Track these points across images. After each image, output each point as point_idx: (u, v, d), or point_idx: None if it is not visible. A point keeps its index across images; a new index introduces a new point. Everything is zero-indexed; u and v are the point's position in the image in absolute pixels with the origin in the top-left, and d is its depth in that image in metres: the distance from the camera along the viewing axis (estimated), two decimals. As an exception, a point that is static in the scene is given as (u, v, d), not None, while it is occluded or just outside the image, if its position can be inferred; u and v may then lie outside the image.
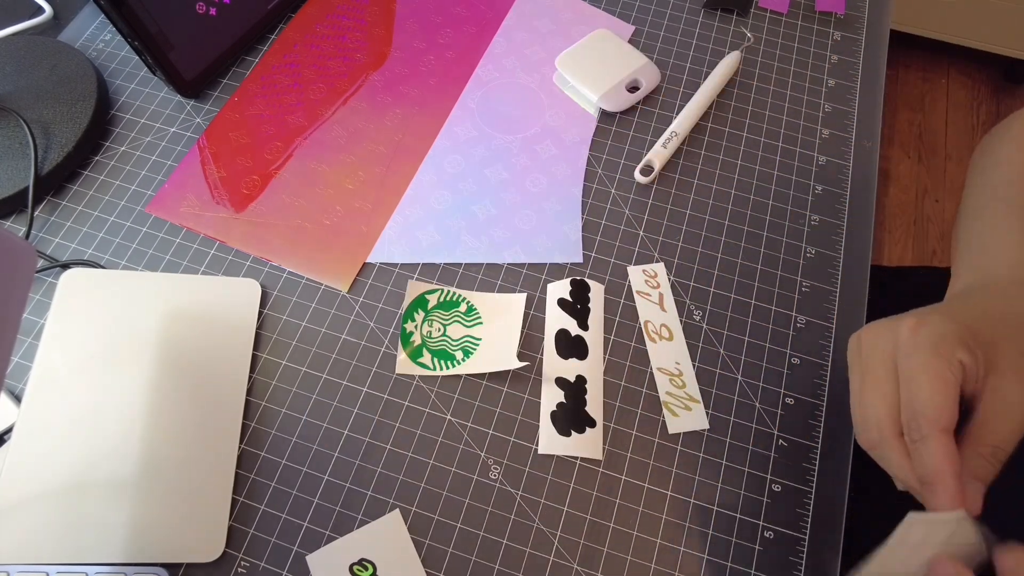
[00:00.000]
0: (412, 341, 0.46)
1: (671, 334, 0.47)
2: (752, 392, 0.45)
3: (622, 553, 0.41)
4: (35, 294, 0.47)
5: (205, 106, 0.55)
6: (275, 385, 0.45)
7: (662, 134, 0.53)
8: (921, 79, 1.62)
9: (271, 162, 0.52)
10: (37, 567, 0.38)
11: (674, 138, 0.52)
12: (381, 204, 0.51)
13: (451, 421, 0.44)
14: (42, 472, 0.40)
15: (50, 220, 0.50)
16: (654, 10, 0.61)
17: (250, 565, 0.40)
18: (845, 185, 0.53)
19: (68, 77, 0.53)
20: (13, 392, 0.44)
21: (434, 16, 0.60)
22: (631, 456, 0.43)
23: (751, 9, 0.61)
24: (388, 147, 0.53)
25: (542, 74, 0.57)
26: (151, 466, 0.41)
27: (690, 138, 0.54)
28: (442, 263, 0.49)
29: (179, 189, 0.51)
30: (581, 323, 0.46)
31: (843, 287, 0.49)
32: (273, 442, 0.43)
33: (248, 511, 0.41)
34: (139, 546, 0.39)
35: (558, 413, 0.44)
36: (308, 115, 0.54)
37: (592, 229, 0.50)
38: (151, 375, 0.43)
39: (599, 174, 0.53)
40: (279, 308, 0.47)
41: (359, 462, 0.43)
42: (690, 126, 0.53)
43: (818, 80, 0.57)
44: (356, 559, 0.40)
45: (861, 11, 0.61)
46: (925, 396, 0.31)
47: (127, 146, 0.53)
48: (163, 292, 0.46)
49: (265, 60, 0.57)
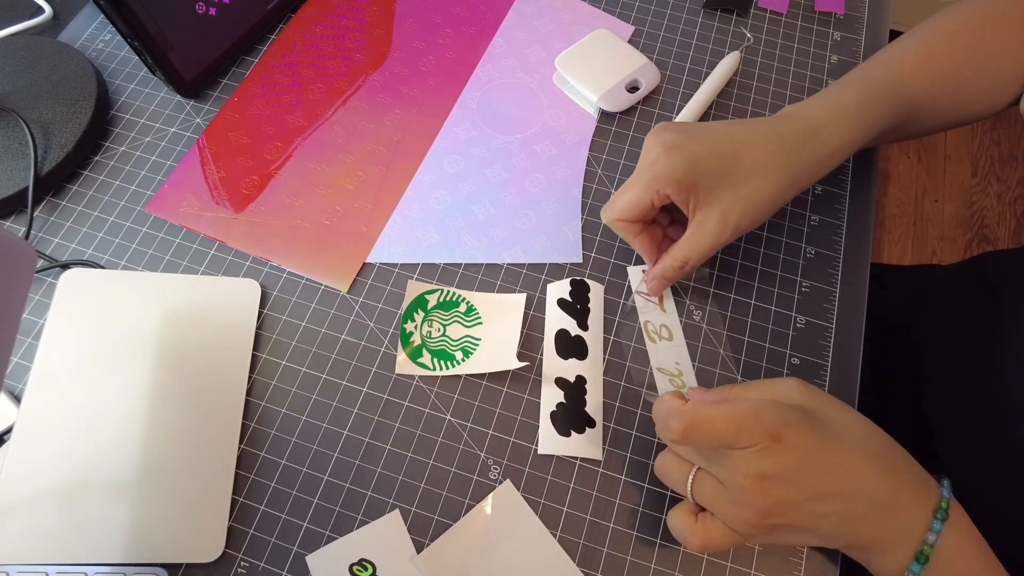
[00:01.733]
0: (412, 341, 0.46)
1: (671, 334, 0.47)
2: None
3: (622, 553, 0.41)
4: (35, 294, 0.47)
5: (205, 106, 0.55)
6: (275, 385, 0.45)
7: (662, 134, 0.53)
8: (921, 79, 1.61)
9: (271, 162, 0.52)
10: (37, 567, 0.38)
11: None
12: (381, 204, 0.51)
13: (451, 421, 0.44)
14: (42, 472, 0.40)
15: (50, 220, 0.50)
16: (654, 10, 0.61)
17: (250, 565, 0.40)
18: (845, 185, 0.53)
19: (68, 77, 0.53)
20: (13, 392, 0.44)
21: (434, 16, 0.60)
22: (631, 456, 0.43)
23: (751, 9, 0.61)
24: (388, 147, 0.53)
25: (542, 74, 0.57)
26: (151, 466, 0.41)
27: (690, 138, 0.54)
28: (442, 263, 0.49)
29: (179, 189, 0.51)
30: (581, 323, 0.46)
31: (843, 287, 0.49)
32: (273, 442, 0.43)
33: (248, 511, 0.41)
34: (139, 546, 0.39)
35: (558, 413, 0.44)
36: (308, 115, 0.54)
37: (592, 229, 0.50)
38: (151, 375, 0.43)
39: (599, 174, 0.53)
40: (279, 308, 0.47)
41: (359, 462, 0.43)
42: None
43: (818, 80, 0.57)
44: (356, 559, 0.40)
45: (861, 11, 0.61)
46: (622, 201, 0.43)
47: (127, 146, 0.53)
48: (163, 292, 0.46)
49: (265, 60, 0.57)
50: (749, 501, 0.34)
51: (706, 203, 0.41)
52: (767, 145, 0.42)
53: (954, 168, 1.51)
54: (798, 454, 0.34)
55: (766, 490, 0.34)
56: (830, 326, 0.47)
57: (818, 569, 0.40)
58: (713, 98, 0.55)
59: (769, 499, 0.34)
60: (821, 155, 0.43)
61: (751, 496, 0.34)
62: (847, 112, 0.44)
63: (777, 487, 0.34)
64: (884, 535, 0.35)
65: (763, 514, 0.34)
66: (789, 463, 0.34)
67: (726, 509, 0.35)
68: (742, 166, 0.42)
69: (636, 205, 0.43)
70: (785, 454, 0.34)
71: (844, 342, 0.47)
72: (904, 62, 0.47)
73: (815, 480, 0.34)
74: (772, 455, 0.34)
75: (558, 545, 0.40)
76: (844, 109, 0.44)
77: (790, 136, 0.43)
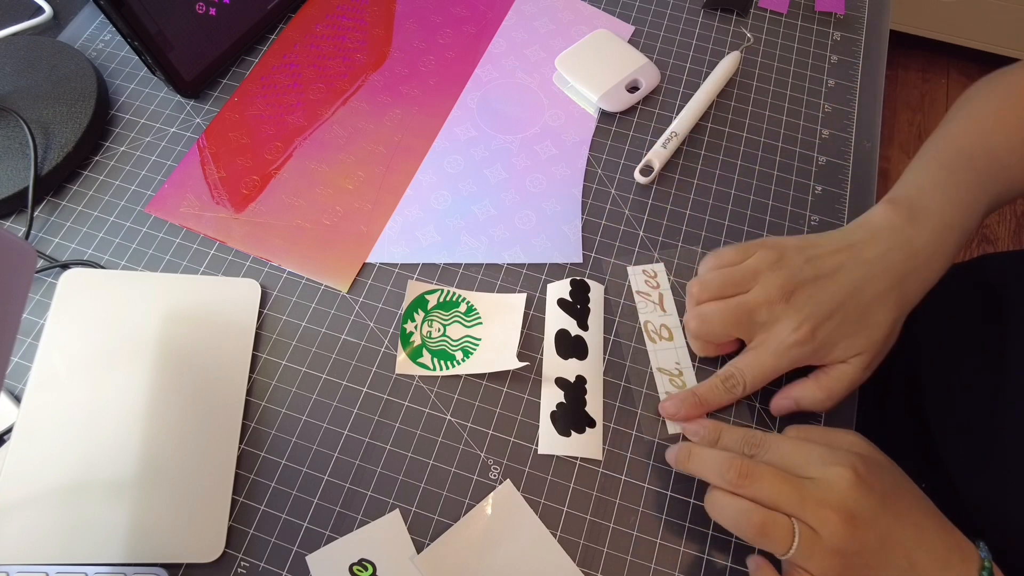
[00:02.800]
0: (412, 341, 0.46)
1: (671, 334, 0.47)
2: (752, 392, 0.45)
3: (622, 553, 0.41)
4: (35, 294, 0.47)
5: (205, 106, 0.55)
6: (275, 385, 0.45)
7: (662, 134, 0.53)
8: (921, 79, 1.62)
9: (271, 162, 0.52)
10: (37, 567, 0.38)
11: (674, 138, 0.52)
12: (381, 204, 0.51)
13: (451, 421, 0.44)
14: (42, 472, 0.40)
15: (50, 220, 0.50)
16: (654, 10, 0.61)
17: (250, 565, 0.40)
18: (845, 185, 0.53)
19: (68, 77, 0.53)
20: (13, 392, 0.44)
21: (434, 16, 0.60)
22: (631, 456, 0.43)
23: (751, 9, 0.61)
24: (388, 147, 0.53)
25: (542, 74, 0.57)
26: (151, 466, 0.41)
27: (690, 138, 0.54)
28: (442, 263, 0.49)
29: (179, 189, 0.51)
30: (581, 323, 0.46)
31: (843, 287, 0.49)
32: (273, 442, 0.43)
33: (248, 511, 0.41)
34: (139, 546, 0.39)
35: (558, 413, 0.44)
36: (308, 115, 0.54)
37: (592, 229, 0.50)
38: (151, 375, 0.43)
39: (599, 174, 0.53)
40: (279, 308, 0.47)
41: (359, 462, 0.43)
42: (690, 126, 0.53)
43: (818, 80, 0.57)
44: (356, 559, 0.40)
45: (861, 11, 0.61)
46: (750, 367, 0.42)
47: (127, 146, 0.53)
48: (163, 292, 0.46)
49: (265, 60, 0.57)
50: (837, 546, 0.34)
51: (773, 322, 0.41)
52: (879, 284, 0.41)
53: (954, 168, 1.51)
54: (876, 498, 0.34)
55: (853, 532, 0.33)
56: (830, 326, 0.47)
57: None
58: (713, 98, 0.55)
59: (853, 542, 0.33)
60: (928, 283, 0.42)
61: (840, 539, 0.33)
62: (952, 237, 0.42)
63: (860, 529, 0.34)
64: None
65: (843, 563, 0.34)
66: (869, 506, 0.34)
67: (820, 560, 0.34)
68: (865, 323, 0.41)
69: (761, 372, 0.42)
70: (866, 496, 0.34)
71: (844, 342, 0.47)
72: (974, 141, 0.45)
73: (888, 526, 0.34)
74: (855, 492, 0.34)
75: (558, 545, 0.40)
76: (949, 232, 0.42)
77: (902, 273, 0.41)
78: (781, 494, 0.35)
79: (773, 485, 0.35)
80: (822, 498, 0.34)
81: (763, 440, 0.38)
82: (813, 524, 0.34)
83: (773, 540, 0.34)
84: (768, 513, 0.35)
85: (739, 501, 0.36)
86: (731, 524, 0.36)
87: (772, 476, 0.35)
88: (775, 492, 0.35)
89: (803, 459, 0.36)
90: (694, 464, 0.39)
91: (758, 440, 0.38)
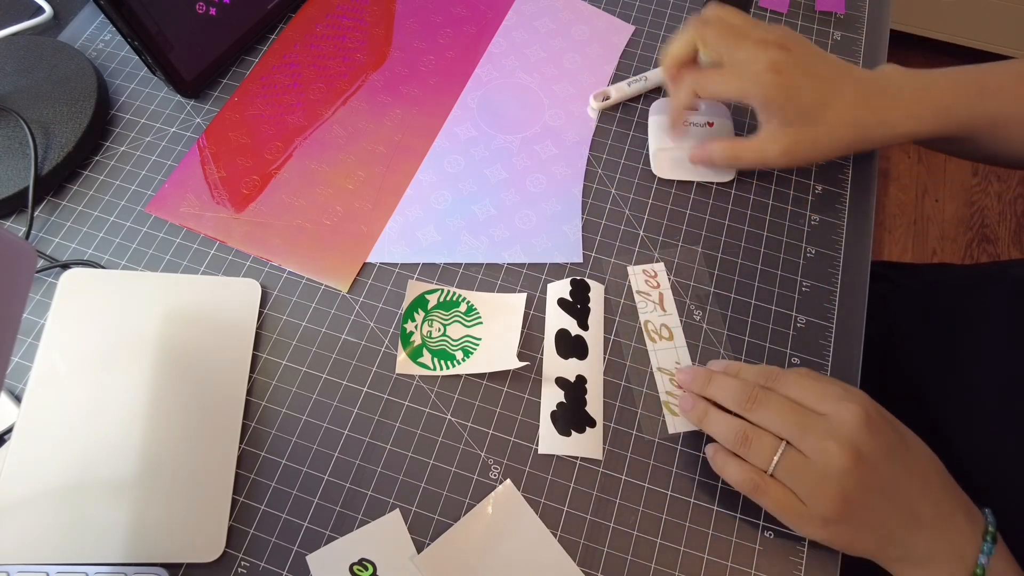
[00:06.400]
0: (412, 341, 0.46)
1: (671, 334, 0.47)
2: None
3: (622, 553, 0.41)
4: (35, 294, 0.47)
5: (205, 106, 0.55)
6: (275, 385, 0.45)
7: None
8: (921, 79, 1.61)
9: (271, 162, 0.52)
10: (37, 567, 0.38)
11: (642, 82, 0.54)
12: (381, 204, 0.51)
13: (451, 421, 0.44)
14: (42, 472, 0.40)
15: (50, 220, 0.50)
16: (654, 10, 0.60)
17: (250, 565, 0.40)
18: (845, 185, 0.53)
19: (68, 77, 0.53)
20: (13, 392, 0.44)
21: (434, 16, 0.60)
22: (631, 456, 0.43)
23: (751, 9, 0.61)
24: (388, 147, 0.53)
25: (542, 74, 0.57)
26: (151, 466, 0.41)
27: (690, 138, 0.54)
28: (442, 263, 0.49)
29: (179, 189, 0.51)
30: (581, 323, 0.46)
31: (843, 287, 0.49)
32: (273, 442, 0.43)
33: (248, 511, 0.41)
34: (139, 546, 0.39)
35: (558, 413, 0.44)
36: (308, 115, 0.54)
37: (592, 229, 0.50)
38: (151, 375, 0.43)
39: (599, 174, 0.53)
40: (279, 308, 0.47)
41: (359, 462, 0.43)
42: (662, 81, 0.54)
43: (818, 80, 0.57)
44: (356, 559, 0.40)
45: (861, 11, 0.61)
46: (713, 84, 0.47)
47: (127, 146, 0.53)
48: (163, 292, 0.46)
49: (265, 60, 0.57)
50: (836, 479, 0.34)
51: (780, 128, 0.46)
52: (851, 109, 0.46)
53: (954, 168, 1.51)
54: (883, 442, 0.35)
55: (855, 469, 0.34)
56: (830, 326, 0.47)
57: (818, 570, 0.40)
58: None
59: (854, 479, 0.34)
60: (891, 135, 0.47)
61: (839, 473, 0.34)
62: (930, 106, 0.46)
63: (863, 468, 0.34)
64: (940, 550, 0.35)
65: (844, 497, 0.34)
66: (876, 448, 0.35)
67: (809, 486, 0.35)
68: (824, 118, 0.45)
69: (720, 95, 0.47)
70: (873, 438, 0.35)
71: (844, 342, 0.47)
72: (998, 78, 0.47)
73: (894, 473, 0.35)
74: (864, 432, 0.35)
75: (558, 545, 0.40)
76: (929, 102, 0.46)
77: (873, 107, 0.46)
78: (784, 423, 0.37)
79: (779, 413, 0.37)
80: (828, 431, 0.35)
81: (781, 374, 0.40)
82: (810, 453, 0.35)
83: (754, 451, 0.37)
84: (755, 428, 0.37)
85: (736, 420, 0.38)
86: (720, 435, 0.39)
87: (780, 404, 0.37)
88: (778, 419, 0.37)
89: (819, 395, 0.37)
90: (713, 389, 0.40)
91: (775, 375, 0.40)
